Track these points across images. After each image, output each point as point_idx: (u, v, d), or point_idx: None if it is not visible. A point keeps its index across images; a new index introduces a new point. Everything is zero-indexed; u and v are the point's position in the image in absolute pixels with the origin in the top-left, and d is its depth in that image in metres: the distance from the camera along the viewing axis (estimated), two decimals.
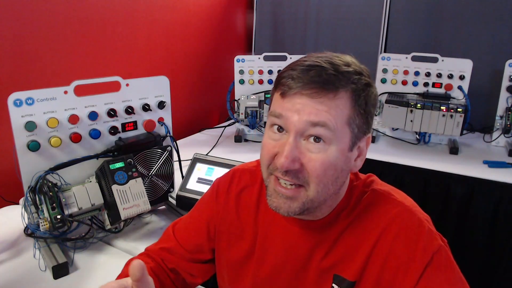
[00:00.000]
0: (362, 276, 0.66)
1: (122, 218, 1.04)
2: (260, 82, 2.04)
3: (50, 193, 0.99)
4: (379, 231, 0.66)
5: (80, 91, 1.07)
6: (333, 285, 0.68)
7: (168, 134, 1.28)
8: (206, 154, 1.42)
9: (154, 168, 1.22)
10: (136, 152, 1.17)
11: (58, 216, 0.99)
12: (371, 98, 0.64)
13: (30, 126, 0.99)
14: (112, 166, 1.05)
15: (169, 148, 1.25)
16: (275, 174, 0.63)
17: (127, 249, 1.10)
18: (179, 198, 1.27)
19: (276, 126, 0.64)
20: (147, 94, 1.21)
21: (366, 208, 0.69)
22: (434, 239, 0.64)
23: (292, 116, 0.61)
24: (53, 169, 1.04)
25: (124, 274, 0.77)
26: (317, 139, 0.61)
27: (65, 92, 1.05)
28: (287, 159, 0.60)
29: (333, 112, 0.60)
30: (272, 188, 0.65)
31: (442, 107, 1.81)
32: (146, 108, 1.20)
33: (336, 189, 0.66)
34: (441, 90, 1.95)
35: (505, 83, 1.86)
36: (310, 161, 0.61)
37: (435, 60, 1.94)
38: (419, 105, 1.84)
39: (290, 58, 2.01)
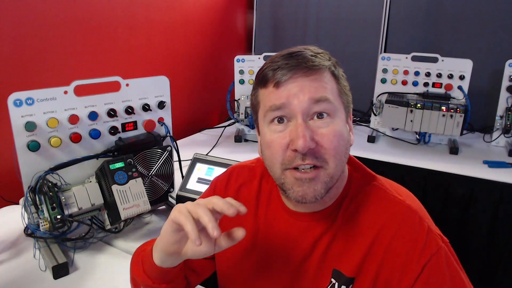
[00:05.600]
0: (360, 272, 0.66)
1: (122, 218, 1.04)
2: None
3: (50, 193, 0.99)
4: (377, 228, 0.66)
5: (80, 91, 1.07)
6: (332, 279, 0.68)
7: (168, 134, 1.28)
8: (206, 154, 1.42)
9: (154, 168, 1.22)
10: (136, 152, 1.17)
11: (58, 216, 0.99)
12: (344, 75, 0.70)
13: (30, 126, 0.99)
14: (112, 166, 1.05)
15: (169, 148, 1.25)
16: (293, 166, 0.63)
17: (127, 249, 1.10)
18: (179, 198, 1.27)
19: (277, 118, 0.65)
20: (147, 94, 1.21)
21: (365, 202, 0.69)
22: (434, 240, 0.64)
23: (294, 100, 0.62)
24: (53, 169, 1.04)
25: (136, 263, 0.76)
26: (320, 115, 0.63)
27: (65, 92, 1.05)
28: (305, 138, 0.60)
29: (327, 86, 0.65)
30: (291, 179, 0.64)
31: (442, 107, 1.81)
32: (146, 108, 1.20)
33: (345, 162, 0.68)
34: (441, 90, 1.95)
35: (505, 83, 1.86)
36: (323, 137, 0.62)
37: (435, 60, 1.94)
38: (419, 105, 1.84)
39: None
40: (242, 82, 2.04)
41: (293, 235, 0.73)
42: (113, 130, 1.15)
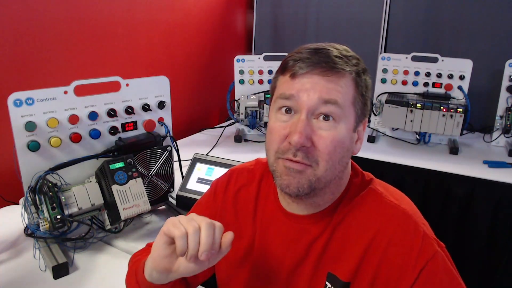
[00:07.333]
0: (355, 277, 0.65)
1: (122, 218, 1.04)
2: (260, 82, 2.04)
3: (50, 193, 0.99)
4: (372, 232, 0.66)
5: (80, 91, 1.07)
6: (327, 283, 0.68)
7: (168, 134, 1.28)
8: (206, 154, 1.42)
9: (154, 168, 1.22)
10: (136, 152, 1.17)
11: (58, 216, 0.99)
12: (368, 84, 0.68)
13: (30, 126, 0.99)
14: (112, 166, 1.05)
15: (169, 148, 1.25)
16: (284, 157, 0.63)
17: (127, 249, 1.10)
18: (179, 198, 1.27)
19: (285, 108, 0.65)
20: (147, 94, 1.21)
21: (360, 206, 0.69)
22: (430, 245, 0.63)
23: (303, 95, 0.63)
24: (53, 169, 1.04)
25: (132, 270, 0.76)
26: (326, 117, 0.63)
27: (65, 92, 1.05)
28: (301, 135, 0.61)
29: (342, 90, 0.63)
30: (281, 166, 0.65)
31: (442, 107, 1.81)
32: (146, 108, 1.20)
33: (340, 170, 0.67)
34: (441, 90, 1.95)
35: (505, 83, 1.86)
36: (320, 139, 0.62)
37: (435, 60, 1.94)
38: (419, 105, 1.84)
39: None
40: (242, 82, 2.03)
41: (289, 237, 0.73)
42: (113, 130, 1.15)
